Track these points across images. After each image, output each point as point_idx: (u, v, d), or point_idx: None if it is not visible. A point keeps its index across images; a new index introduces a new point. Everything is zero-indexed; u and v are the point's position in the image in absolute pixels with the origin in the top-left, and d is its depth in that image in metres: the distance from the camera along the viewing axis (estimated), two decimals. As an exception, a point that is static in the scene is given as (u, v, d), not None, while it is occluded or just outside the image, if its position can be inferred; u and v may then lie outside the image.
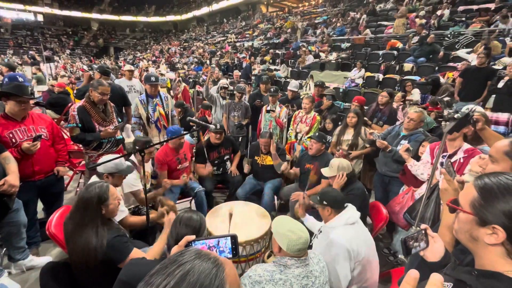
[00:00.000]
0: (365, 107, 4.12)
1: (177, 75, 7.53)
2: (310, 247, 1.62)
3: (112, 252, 1.43)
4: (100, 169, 1.94)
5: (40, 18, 30.22)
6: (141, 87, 4.78)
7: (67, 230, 1.46)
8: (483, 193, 0.68)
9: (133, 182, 2.33)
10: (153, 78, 3.28)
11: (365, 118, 3.60)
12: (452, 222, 1.08)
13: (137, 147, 2.38)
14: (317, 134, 2.78)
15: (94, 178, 2.01)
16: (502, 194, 0.65)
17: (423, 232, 0.95)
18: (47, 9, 29.42)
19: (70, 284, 1.45)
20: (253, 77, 8.37)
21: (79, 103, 2.57)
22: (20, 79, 2.17)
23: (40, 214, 2.51)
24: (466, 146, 1.93)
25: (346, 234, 1.63)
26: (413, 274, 0.54)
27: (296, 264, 1.35)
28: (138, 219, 2.06)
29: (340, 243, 1.59)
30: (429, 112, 4.10)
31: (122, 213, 1.91)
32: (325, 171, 2.33)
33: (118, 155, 1.89)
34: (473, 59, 5.20)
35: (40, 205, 2.46)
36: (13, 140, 2.07)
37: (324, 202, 1.75)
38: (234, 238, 0.83)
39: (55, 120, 4.75)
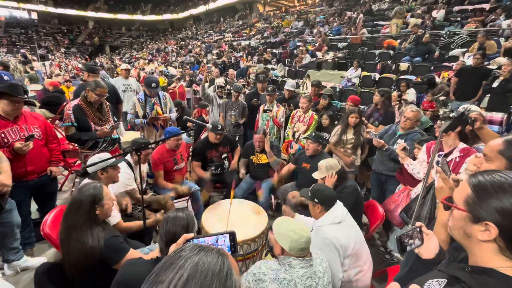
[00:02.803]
0: (361, 106, 4.14)
1: (179, 74, 7.52)
2: None
3: (109, 252, 1.42)
4: (91, 169, 1.91)
5: (34, 16, 29.80)
6: (138, 86, 4.75)
7: (61, 232, 1.45)
8: (477, 190, 0.69)
9: (127, 181, 2.30)
10: (153, 84, 3.24)
11: (362, 118, 3.61)
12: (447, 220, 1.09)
13: (133, 147, 2.36)
14: (313, 134, 2.78)
15: (86, 179, 1.97)
16: (496, 192, 0.65)
17: (418, 229, 0.96)
18: (41, 7, 28.99)
19: (65, 285, 1.43)
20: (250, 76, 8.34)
21: (74, 101, 2.54)
22: (6, 78, 2.12)
23: (35, 215, 2.48)
24: (462, 145, 1.94)
25: (333, 232, 1.67)
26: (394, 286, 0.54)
27: (301, 264, 1.35)
28: (132, 224, 2.03)
29: (328, 242, 1.63)
30: (425, 111, 4.13)
31: (115, 218, 1.88)
32: (315, 175, 2.35)
33: (105, 158, 1.85)
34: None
35: (34, 206, 2.43)
36: (5, 140, 2.03)
37: (315, 200, 1.76)
38: (232, 235, 0.84)
39: (50, 119, 4.71)
